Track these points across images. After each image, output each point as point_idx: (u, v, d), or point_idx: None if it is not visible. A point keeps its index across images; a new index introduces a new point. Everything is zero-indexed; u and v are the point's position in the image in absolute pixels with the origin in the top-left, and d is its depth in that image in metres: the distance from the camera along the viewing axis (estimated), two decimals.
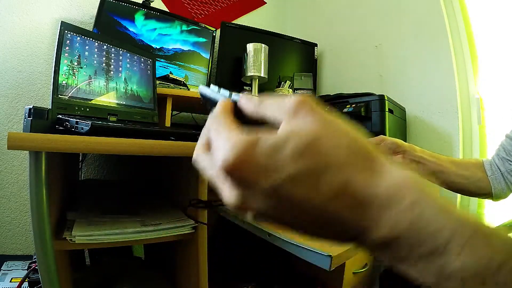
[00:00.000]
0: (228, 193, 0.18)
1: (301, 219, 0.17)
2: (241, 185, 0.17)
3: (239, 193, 0.17)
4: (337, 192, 0.16)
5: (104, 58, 0.75)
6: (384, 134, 0.97)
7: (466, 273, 0.16)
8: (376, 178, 0.17)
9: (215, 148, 0.18)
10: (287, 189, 0.16)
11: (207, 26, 1.35)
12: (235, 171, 0.16)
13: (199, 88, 0.26)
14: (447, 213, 0.16)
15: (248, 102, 0.21)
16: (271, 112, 0.19)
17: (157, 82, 0.93)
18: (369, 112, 0.99)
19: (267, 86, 1.39)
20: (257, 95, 0.21)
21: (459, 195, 1.17)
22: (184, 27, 1.28)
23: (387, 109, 0.98)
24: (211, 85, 0.25)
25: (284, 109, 0.18)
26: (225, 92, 0.24)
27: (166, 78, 1.04)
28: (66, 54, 0.67)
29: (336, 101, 1.09)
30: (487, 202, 1.20)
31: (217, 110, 0.21)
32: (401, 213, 0.16)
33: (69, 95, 0.67)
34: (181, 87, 1.05)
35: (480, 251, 0.16)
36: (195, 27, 1.31)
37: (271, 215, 0.18)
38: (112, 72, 0.77)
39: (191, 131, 0.74)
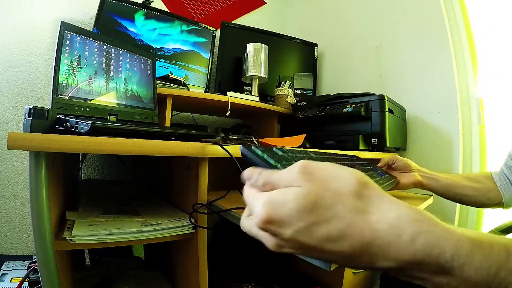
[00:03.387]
0: (266, 240, 0.23)
1: (321, 257, 0.22)
2: (272, 234, 0.22)
3: (273, 239, 0.23)
4: (341, 236, 0.20)
5: (104, 58, 0.75)
6: (384, 134, 0.97)
7: (469, 284, 0.19)
8: (375, 219, 0.20)
9: (251, 211, 0.24)
10: (302, 237, 0.21)
11: (207, 26, 1.34)
12: (264, 227, 0.22)
13: (240, 149, 0.30)
14: (446, 237, 0.19)
15: (251, 185, 0.25)
16: (282, 183, 0.23)
17: (157, 82, 0.93)
18: (369, 112, 0.99)
19: (267, 86, 1.39)
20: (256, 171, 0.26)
21: (458, 204, 1.17)
22: (184, 27, 1.28)
23: (387, 109, 0.98)
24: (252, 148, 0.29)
25: (290, 178, 0.22)
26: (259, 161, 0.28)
27: (166, 78, 1.04)
28: (66, 54, 0.67)
29: (336, 101, 1.09)
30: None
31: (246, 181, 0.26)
32: (402, 247, 0.19)
33: (69, 95, 0.67)
34: (181, 87, 1.05)
35: (478, 264, 0.18)
36: (195, 27, 1.31)
37: (300, 253, 0.23)
38: (112, 72, 0.77)
39: (191, 131, 0.74)
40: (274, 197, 0.22)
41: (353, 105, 1.01)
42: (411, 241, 0.19)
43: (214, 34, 1.37)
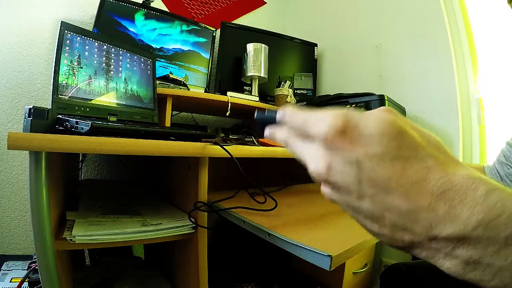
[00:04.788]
0: (318, 158, 0.20)
1: (375, 200, 0.18)
2: (334, 150, 0.19)
3: (328, 159, 0.19)
4: (419, 178, 0.18)
5: (104, 58, 0.75)
6: None
7: None
8: (453, 169, 0.18)
9: (314, 124, 0.21)
10: (375, 163, 0.18)
11: (207, 26, 1.34)
12: (338, 134, 0.19)
13: (255, 114, 0.29)
14: None
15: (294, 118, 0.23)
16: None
17: (157, 82, 0.93)
18: None
19: (267, 86, 1.39)
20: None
21: None
22: (184, 27, 1.28)
23: None
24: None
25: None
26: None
27: (166, 78, 1.04)
28: (66, 54, 0.67)
29: (336, 101, 1.09)
30: None
31: (289, 111, 0.25)
32: (477, 202, 0.17)
33: (69, 95, 0.67)
34: (181, 87, 1.05)
35: None
36: (195, 27, 1.31)
37: (347, 188, 0.19)
38: (112, 72, 0.77)
39: (191, 131, 0.74)
40: (350, 113, 0.19)
41: (353, 105, 1.02)
42: (485, 196, 0.17)
43: (214, 34, 1.37)
